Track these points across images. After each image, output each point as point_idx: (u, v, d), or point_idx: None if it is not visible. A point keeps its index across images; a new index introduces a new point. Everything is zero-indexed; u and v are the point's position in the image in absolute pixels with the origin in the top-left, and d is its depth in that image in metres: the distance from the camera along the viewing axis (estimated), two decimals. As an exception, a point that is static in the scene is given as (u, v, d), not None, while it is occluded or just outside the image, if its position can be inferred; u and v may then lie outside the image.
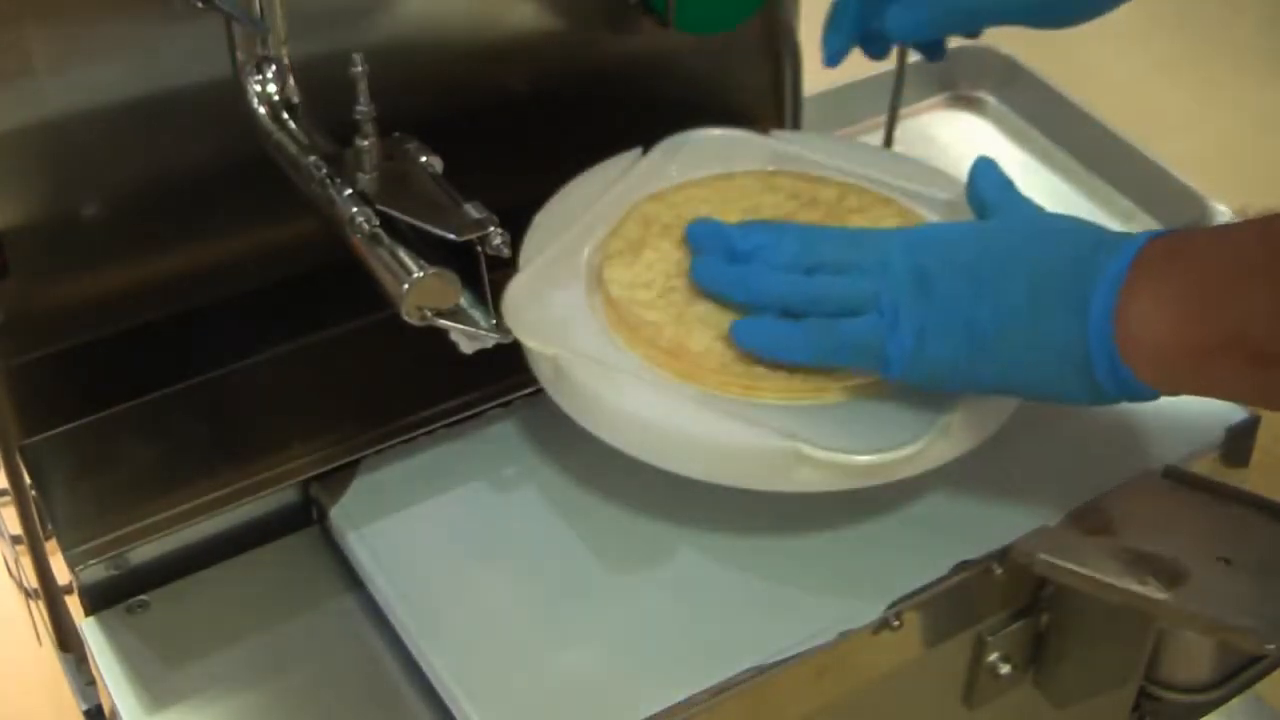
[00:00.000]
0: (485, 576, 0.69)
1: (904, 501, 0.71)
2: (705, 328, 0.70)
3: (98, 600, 0.69)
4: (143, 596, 0.69)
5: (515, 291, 0.72)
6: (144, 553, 0.69)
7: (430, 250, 0.67)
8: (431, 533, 0.71)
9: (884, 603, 0.67)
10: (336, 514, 0.71)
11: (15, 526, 0.78)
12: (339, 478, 0.73)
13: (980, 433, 0.69)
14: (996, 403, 0.69)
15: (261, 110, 0.72)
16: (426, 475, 0.73)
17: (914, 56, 0.86)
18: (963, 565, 0.68)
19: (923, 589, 0.68)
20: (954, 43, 0.84)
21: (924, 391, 0.67)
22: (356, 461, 0.73)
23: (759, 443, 0.66)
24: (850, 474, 0.66)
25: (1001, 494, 0.72)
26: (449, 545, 0.70)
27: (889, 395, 0.68)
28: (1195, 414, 0.75)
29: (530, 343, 0.70)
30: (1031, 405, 0.74)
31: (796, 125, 0.95)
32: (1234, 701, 0.75)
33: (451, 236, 0.66)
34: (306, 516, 0.73)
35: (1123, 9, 0.76)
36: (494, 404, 0.76)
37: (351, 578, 0.70)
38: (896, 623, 0.67)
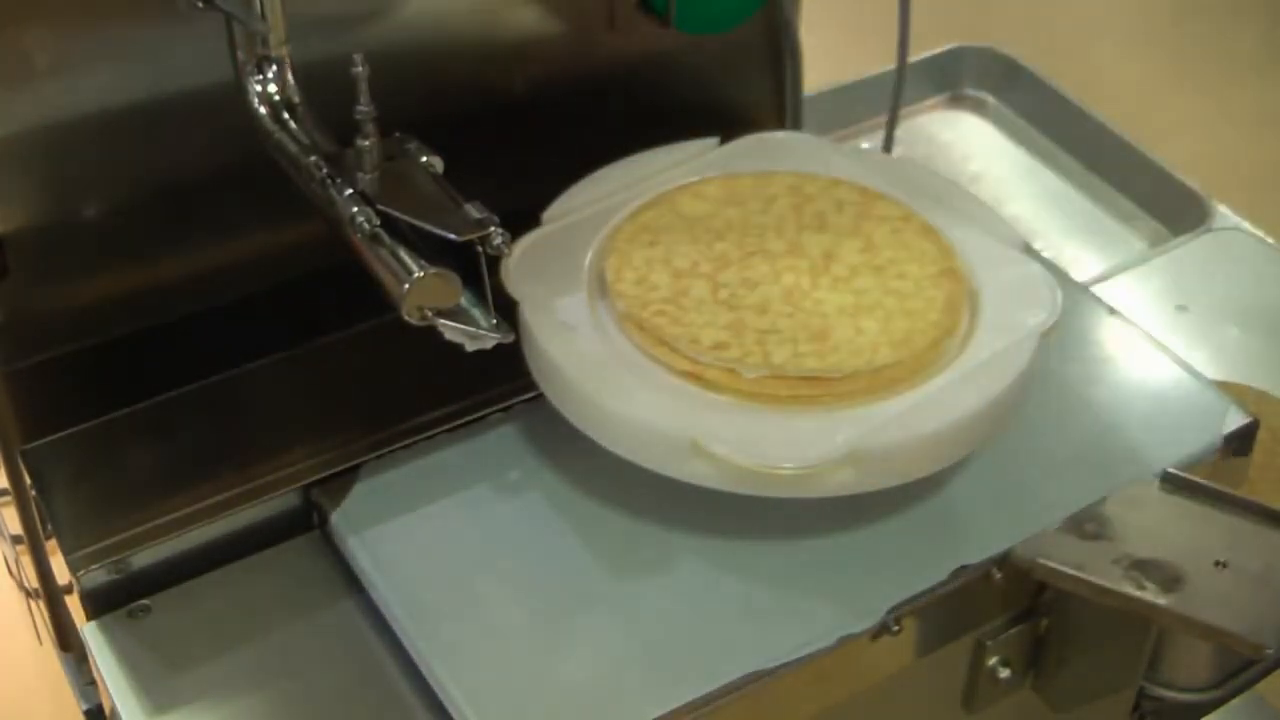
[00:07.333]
0: (486, 581, 0.69)
1: (903, 507, 0.71)
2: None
3: (99, 604, 0.69)
4: (144, 600, 0.69)
5: (528, 244, 0.76)
6: (145, 557, 0.69)
7: (430, 250, 0.67)
8: (432, 537, 0.71)
9: (884, 608, 0.67)
10: (338, 518, 0.71)
11: (16, 527, 0.78)
12: (340, 482, 0.73)
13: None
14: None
15: (262, 110, 0.72)
16: (428, 480, 0.73)
17: (914, 56, 0.86)
18: (962, 570, 0.69)
19: (922, 594, 0.68)
20: (954, 43, 0.84)
21: None
22: (358, 466, 0.73)
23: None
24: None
25: (1000, 499, 0.72)
26: (449, 550, 0.70)
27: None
28: (1193, 420, 0.75)
29: (508, 286, 0.73)
30: (1034, 410, 0.74)
31: (797, 125, 0.95)
32: (1234, 701, 0.76)
33: (452, 236, 0.66)
34: (307, 521, 0.73)
35: (1124, 10, 0.76)
36: (494, 409, 0.76)
37: (352, 582, 0.70)
38: (896, 628, 0.67)
